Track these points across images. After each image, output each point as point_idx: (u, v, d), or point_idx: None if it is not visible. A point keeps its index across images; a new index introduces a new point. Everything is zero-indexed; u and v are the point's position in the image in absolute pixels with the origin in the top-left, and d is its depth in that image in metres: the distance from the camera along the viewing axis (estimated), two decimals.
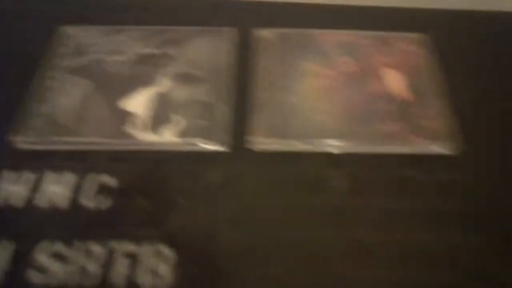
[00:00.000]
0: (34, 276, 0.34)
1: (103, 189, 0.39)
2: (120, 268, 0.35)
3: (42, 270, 0.34)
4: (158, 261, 0.35)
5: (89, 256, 0.35)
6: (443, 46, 0.50)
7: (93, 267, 0.35)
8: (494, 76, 0.49)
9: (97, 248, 0.35)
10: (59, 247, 0.35)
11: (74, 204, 0.38)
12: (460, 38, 0.52)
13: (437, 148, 0.42)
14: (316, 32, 0.52)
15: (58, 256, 0.35)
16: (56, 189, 0.39)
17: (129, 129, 0.42)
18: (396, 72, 0.48)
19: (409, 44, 0.51)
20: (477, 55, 0.52)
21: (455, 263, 0.36)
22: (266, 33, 0.51)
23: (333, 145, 0.42)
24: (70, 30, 0.50)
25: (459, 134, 0.43)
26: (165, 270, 0.35)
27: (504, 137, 0.45)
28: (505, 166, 0.42)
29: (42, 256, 0.35)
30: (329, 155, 0.42)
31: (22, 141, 0.41)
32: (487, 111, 0.46)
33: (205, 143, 0.41)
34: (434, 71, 0.48)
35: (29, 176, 0.39)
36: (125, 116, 0.43)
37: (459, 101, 0.45)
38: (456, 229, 0.38)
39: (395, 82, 0.47)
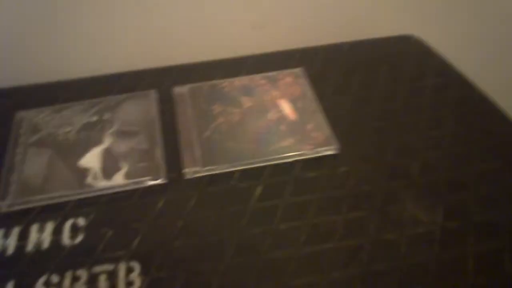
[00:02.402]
0: None
1: (75, 228, 0.51)
2: (102, 284, 0.46)
3: None
4: (130, 273, 0.47)
5: (76, 280, 0.46)
6: (315, 75, 0.67)
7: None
8: (357, 95, 0.66)
9: (81, 273, 0.47)
10: (53, 277, 0.47)
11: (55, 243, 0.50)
12: (326, 66, 0.69)
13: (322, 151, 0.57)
14: (220, 81, 0.67)
15: (54, 285, 0.46)
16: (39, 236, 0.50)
17: (87, 180, 0.54)
18: (284, 100, 0.63)
19: (290, 78, 0.67)
20: (342, 79, 0.68)
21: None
22: (181, 89, 0.65)
23: (248, 163, 0.56)
24: (25, 114, 0.62)
25: (336, 140, 0.58)
26: (135, 278, 0.46)
27: (367, 137, 0.60)
28: (369, 157, 0.58)
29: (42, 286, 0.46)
30: (244, 171, 0.55)
31: (5, 205, 0.52)
32: (354, 121, 0.62)
33: (148, 180, 0.54)
34: (310, 95, 0.64)
35: (16, 230, 0.51)
36: (82, 171, 0.55)
37: (331, 115, 0.61)
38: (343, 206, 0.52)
39: (285, 108, 0.62)
